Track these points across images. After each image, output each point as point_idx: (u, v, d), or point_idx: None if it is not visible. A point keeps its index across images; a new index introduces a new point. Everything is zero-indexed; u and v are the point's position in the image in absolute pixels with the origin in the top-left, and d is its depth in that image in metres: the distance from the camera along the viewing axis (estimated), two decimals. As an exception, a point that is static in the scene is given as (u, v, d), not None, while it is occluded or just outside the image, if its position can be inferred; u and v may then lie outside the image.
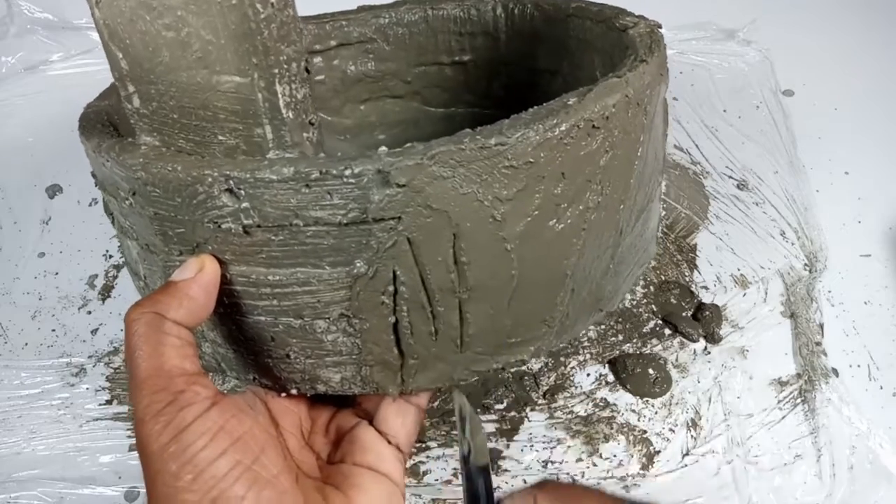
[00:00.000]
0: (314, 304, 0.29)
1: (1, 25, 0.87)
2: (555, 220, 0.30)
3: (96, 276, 0.59)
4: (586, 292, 0.34)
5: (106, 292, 0.57)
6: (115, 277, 0.58)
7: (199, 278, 0.28)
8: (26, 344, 0.53)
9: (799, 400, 0.46)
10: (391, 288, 0.29)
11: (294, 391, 0.33)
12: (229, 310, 0.31)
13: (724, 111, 0.74)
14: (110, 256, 0.60)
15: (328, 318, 0.30)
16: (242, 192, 0.27)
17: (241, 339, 0.32)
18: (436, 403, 0.47)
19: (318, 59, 0.52)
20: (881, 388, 0.47)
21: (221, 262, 0.29)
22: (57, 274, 0.59)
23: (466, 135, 0.27)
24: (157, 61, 0.29)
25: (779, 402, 0.46)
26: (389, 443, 0.33)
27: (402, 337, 0.30)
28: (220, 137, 0.30)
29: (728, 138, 0.70)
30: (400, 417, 0.33)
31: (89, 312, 0.56)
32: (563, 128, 0.28)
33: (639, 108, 0.32)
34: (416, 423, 0.34)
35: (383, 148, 0.27)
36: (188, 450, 0.25)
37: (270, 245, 0.28)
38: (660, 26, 0.38)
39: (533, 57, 0.49)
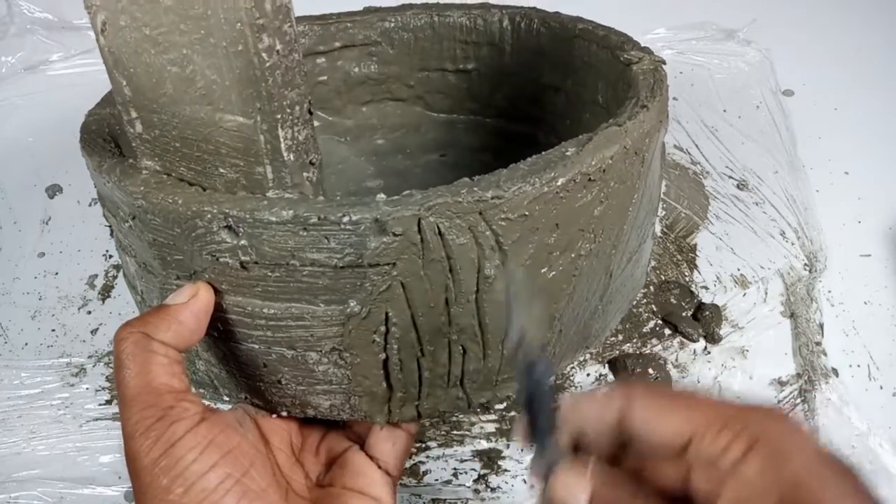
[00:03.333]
0: (307, 338, 0.30)
1: (1, 25, 0.87)
2: (547, 268, 0.30)
3: (96, 276, 0.59)
4: (574, 332, 0.34)
5: (106, 292, 0.57)
6: (115, 277, 0.58)
7: (191, 304, 0.28)
8: (26, 344, 0.53)
9: (799, 400, 0.46)
10: (383, 328, 0.29)
11: (284, 413, 0.33)
12: (223, 335, 0.31)
13: (724, 111, 0.74)
14: (110, 256, 0.60)
15: (320, 351, 0.30)
16: (241, 230, 0.27)
17: (234, 362, 0.32)
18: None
19: (321, 60, 0.52)
20: (881, 388, 0.47)
21: (217, 291, 0.29)
22: (57, 274, 0.59)
23: (464, 186, 0.27)
24: (161, 92, 0.29)
25: (779, 402, 0.46)
26: (379, 467, 0.33)
27: (391, 372, 0.31)
28: (222, 171, 0.30)
29: (728, 138, 0.70)
30: (389, 443, 0.34)
31: (89, 312, 0.56)
32: (559, 182, 0.28)
33: (636, 157, 0.32)
34: (405, 449, 0.34)
35: (381, 195, 0.27)
36: (179, 463, 0.25)
37: (267, 280, 0.28)
38: (664, 62, 0.38)
39: (537, 71, 0.49)
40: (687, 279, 0.55)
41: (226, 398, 0.35)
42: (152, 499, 0.25)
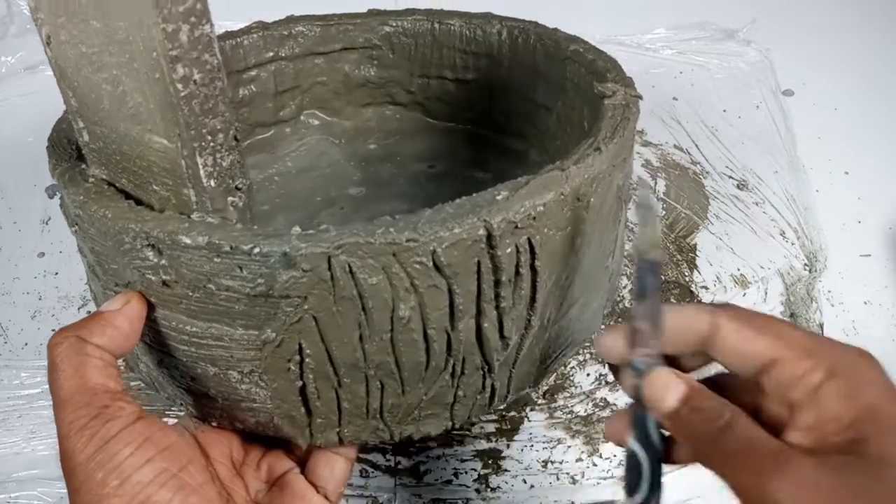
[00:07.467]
0: (227, 358, 0.30)
1: (1, 25, 0.87)
2: (468, 315, 0.29)
3: (96, 276, 0.59)
4: (502, 378, 0.33)
5: (106, 292, 0.57)
6: (115, 277, 0.58)
7: (125, 310, 0.29)
8: (26, 344, 0.53)
9: (799, 400, 0.46)
10: (297, 357, 0.29)
11: (215, 424, 0.34)
12: (155, 344, 0.32)
13: (724, 111, 0.74)
14: (110, 256, 0.60)
15: (241, 372, 0.30)
16: (162, 250, 0.28)
17: (167, 370, 0.33)
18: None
19: (319, 60, 0.52)
20: (881, 388, 0.47)
21: (149, 303, 0.30)
22: (57, 274, 0.59)
23: (381, 225, 0.26)
24: (100, 107, 0.30)
25: (779, 402, 0.46)
26: (318, 492, 0.33)
27: (309, 399, 0.30)
28: (155, 187, 0.31)
29: (728, 138, 0.70)
30: (328, 468, 0.34)
31: (89, 312, 0.56)
32: (480, 232, 0.27)
33: (579, 203, 0.30)
34: (343, 474, 0.34)
35: (296, 228, 0.27)
36: (114, 458, 0.25)
37: (189, 299, 0.29)
38: (640, 97, 0.36)
39: (532, 89, 0.48)
40: (687, 279, 0.55)
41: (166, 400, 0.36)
42: (87, 493, 0.25)
